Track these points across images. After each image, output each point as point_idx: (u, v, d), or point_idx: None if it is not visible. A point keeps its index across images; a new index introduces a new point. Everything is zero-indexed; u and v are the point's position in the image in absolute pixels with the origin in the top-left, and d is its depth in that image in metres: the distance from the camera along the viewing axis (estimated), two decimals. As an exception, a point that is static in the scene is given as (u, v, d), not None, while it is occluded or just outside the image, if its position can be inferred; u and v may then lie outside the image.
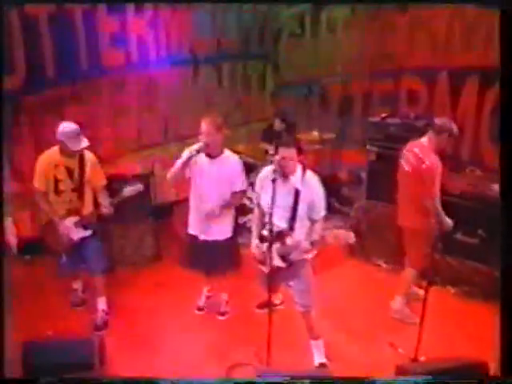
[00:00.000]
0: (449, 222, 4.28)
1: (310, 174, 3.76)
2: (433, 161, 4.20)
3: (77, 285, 4.87)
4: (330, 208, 6.00)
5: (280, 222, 3.65)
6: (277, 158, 3.61)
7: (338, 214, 6.01)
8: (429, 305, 3.89)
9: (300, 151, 3.67)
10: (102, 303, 4.58)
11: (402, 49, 6.36)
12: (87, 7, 5.52)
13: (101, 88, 5.90)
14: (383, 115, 5.73)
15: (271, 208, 3.48)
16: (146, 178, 5.55)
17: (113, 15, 5.78)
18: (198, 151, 4.06)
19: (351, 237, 3.62)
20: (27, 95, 5.28)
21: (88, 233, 4.37)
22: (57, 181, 4.25)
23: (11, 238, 4.46)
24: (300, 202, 3.66)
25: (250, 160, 5.74)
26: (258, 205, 3.97)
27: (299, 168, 3.73)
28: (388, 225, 5.48)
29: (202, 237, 4.36)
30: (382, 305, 4.73)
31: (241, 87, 7.34)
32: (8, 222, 4.60)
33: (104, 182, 4.44)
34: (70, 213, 4.31)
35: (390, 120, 5.67)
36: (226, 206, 4.27)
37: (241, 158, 4.53)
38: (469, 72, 5.81)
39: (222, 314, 4.74)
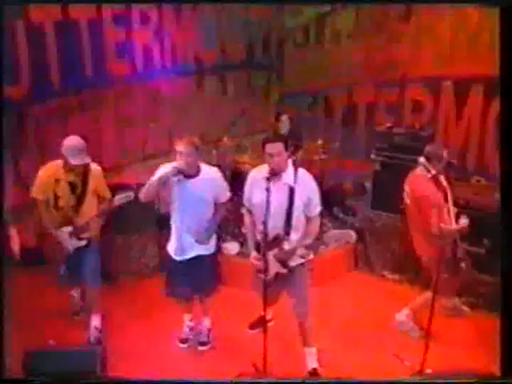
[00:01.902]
0: (462, 222, 4.16)
1: (302, 170, 3.68)
2: (424, 189, 4.16)
3: (75, 292, 4.82)
4: (334, 218, 6.07)
5: (275, 226, 3.54)
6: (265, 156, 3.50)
7: (342, 224, 5.95)
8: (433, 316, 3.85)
9: (287, 145, 3.56)
10: (96, 320, 4.46)
11: (406, 58, 6.35)
12: (92, 16, 5.55)
13: (106, 98, 5.91)
14: (388, 125, 5.73)
15: (266, 210, 3.37)
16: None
17: (118, 25, 5.80)
18: (179, 172, 3.79)
19: (352, 236, 3.54)
20: (32, 105, 5.29)
21: (82, 243, 4.28)
22: (56, 197, 4.15)
23: (14, 247, 4.44)
24: (295, 201, 3.56)
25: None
26: (249, 211, 3.85)
27: (290, 164, 3.64)
28: (393, 235, 5.47)
29: (185, 257, 4.10)
30: (388, 316, 4.67)
31: (245, 97, 7.34)
32: (12, 231, 4.59)
33: (109, 195, 4.33)
34: (64, 222, 4.23)
35: (395, 130, 5.67)
36: (214, 224, 4.09)
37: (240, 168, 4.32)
38: (473, 81, 5.80)
39: (204, 344, 4.42)
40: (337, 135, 6.95)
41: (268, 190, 3.39)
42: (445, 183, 4.23)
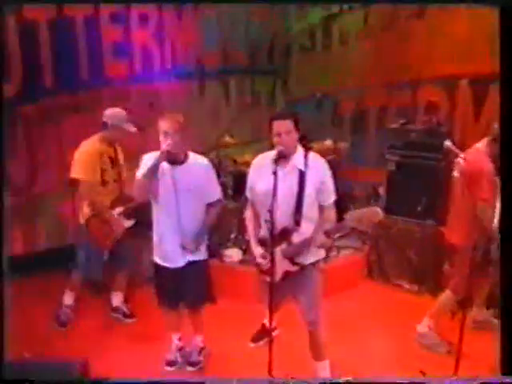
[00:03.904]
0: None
1: (313, 153, 3.30)
2: (481, 161, 3.77)
3: (69, 301, 4.49)
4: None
5: (283, 216, 3.12)
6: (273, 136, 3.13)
7: (354, 231, 5.55)
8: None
9: (297, 125, 3.16)
10: (116, 298, 4.59)
11: (419, 57, 6.03)
12: (89, 13, 5.33)
13: (102, 99, 5.63)
14: (402, 121, 5.37)
15: (273, 196, 2.95)
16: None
17: (116, 23, 5.59)
18: (167, 155, 3.37)
19: (379, 212, 3.06)
20: (24, 104, 5.07)
21: (132, 223, 4.34)
22: (102, 171, 4.18)
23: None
24: (306, 187, 3.16)
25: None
26: (252, 203, 3.43)
27: (300, 147, 3.25)
28: (410, 241, 5.08)
29: (171, 266, 3.64)
30: (406, 328, 4.26)
31: (249, 102, 7.08)
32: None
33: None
34: (114, 204, 4.25)
35: (410, 126, 5.31)
36: (203, 230, 3.64)
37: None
38: (491, 79, 5.44)
39: (193, 365, 3.92)
40: (347, 141, 6.61)
41: (275, 173, 2.99)
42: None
